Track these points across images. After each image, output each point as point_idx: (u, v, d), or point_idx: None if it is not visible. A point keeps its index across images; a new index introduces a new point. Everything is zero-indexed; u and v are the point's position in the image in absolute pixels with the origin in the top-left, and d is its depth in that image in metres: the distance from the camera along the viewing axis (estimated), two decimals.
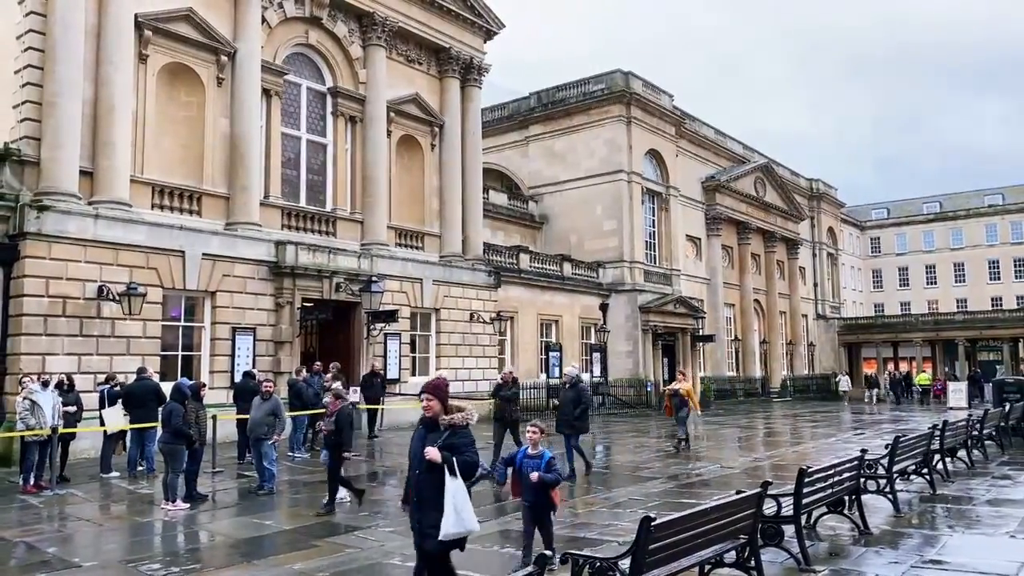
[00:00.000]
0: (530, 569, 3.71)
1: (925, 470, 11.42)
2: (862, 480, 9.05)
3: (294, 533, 9.21)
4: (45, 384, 12.56)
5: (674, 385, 17.70)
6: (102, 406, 13.73)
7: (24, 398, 12.13)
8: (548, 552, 4.96)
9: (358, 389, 18.66)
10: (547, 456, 6.99)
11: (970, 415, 15.45)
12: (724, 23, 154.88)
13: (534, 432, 7.19)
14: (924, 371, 46.71)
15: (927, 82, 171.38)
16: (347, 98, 22.70)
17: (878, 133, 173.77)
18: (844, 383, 45.36)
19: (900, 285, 69.08)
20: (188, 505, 10.57)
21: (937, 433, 12.12)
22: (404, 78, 24.46)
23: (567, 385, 13.20)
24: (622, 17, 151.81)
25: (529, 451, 7.11)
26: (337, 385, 12.02)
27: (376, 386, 19.45)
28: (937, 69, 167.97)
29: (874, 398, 42.34)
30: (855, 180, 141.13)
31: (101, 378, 14.94)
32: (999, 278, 64.31)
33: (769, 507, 7.18)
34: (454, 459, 4.87)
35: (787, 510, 7.24)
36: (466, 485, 4.96)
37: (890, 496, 9.69)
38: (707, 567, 6.12)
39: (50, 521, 10.16)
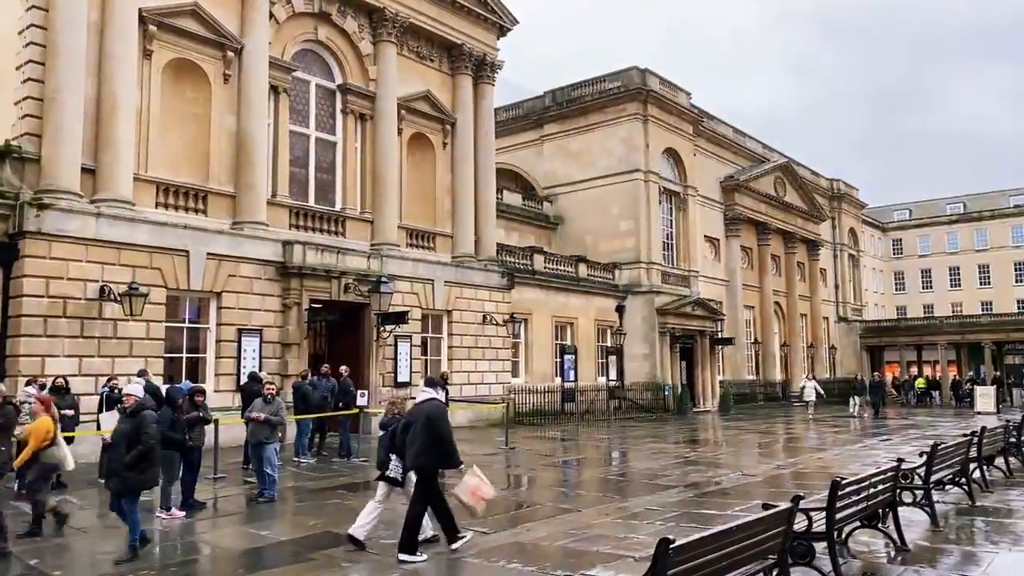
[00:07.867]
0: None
1: (963, 480, 10.72)
2: (897, 491, 8.40)
3: (292, 544, 8.73)
4: (42, 387, 12.24)
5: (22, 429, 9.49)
6: (100, 410, 13.32)
7: (22, 403, 11.78)
8: None
9: (366, 393, 18.17)
10: None
11: (1008, 421, 14.68)
12: None
13: None
14: (923, 376, 44.88)
15: (912, 51, 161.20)
16: (357, 95, 22.25)
17: (859, 110, 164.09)
18: (810, 390, 31.82)
19: (923, 287, 67.82)
20: (184, 513, 10.15)
21: (975, 440, 11.42)
22: (415, 75, 23.98)
23: (127, 412, 8.31)
24: None
25: None
26: None
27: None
28: (922, 34, 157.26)
29: (858, 406, 32.90)
30: (838, 160, 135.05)
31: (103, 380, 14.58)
32: None
33: (799, 522, 6.56)
34: None
35: (819, 526, 6.60)
36: None
37: (927, 509, 9.00)
38: None
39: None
